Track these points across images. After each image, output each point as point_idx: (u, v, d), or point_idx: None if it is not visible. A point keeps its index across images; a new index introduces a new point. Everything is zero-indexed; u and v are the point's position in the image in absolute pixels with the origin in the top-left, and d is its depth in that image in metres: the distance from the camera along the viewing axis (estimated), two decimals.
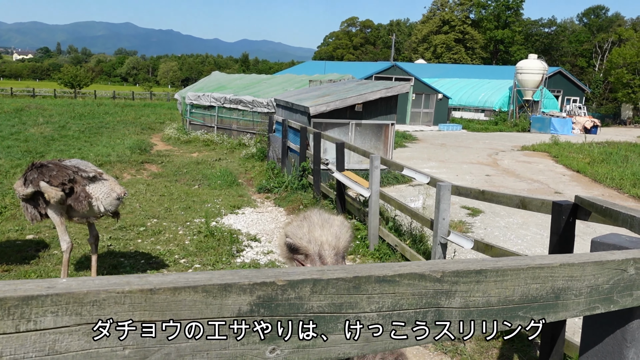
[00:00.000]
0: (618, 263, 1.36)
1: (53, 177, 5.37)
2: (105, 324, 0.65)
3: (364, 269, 0.91)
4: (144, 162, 15.31)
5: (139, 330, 0.68)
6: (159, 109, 37.01)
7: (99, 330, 0.65)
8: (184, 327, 0.71)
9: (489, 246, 5.56)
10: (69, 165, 5.56)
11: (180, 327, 0.71)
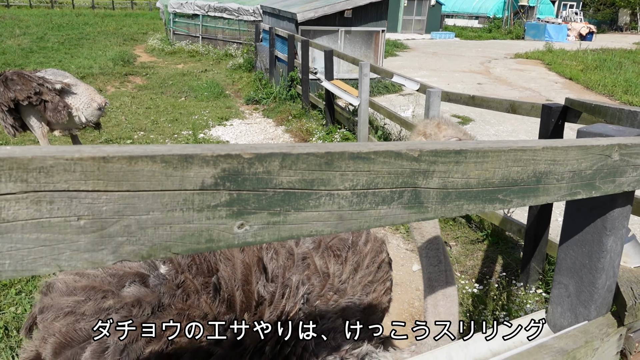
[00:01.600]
0: (602, 148, 1.33)
1: (18, 92, 5.21)
2: (55, 193, 0.61)
3: (338, 146, 0.87)
4: (128, 74, 14.90)
5: (93, 200, 0.64)
6: (141, 18, 35.53)
7: (48, 198, 0.61)
8: (143, 198, 0.67)
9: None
10: (34, 77, 5.33)
11: (139, 198, 0.67)
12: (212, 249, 0.76)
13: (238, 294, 1.69)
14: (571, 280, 1.70)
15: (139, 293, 1.61)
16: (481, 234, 5.53)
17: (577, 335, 1.58)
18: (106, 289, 1.62)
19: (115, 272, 1.67)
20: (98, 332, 1.53)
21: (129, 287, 1.63)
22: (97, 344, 1.53)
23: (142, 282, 1.66)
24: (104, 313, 1.57)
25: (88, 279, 1.65)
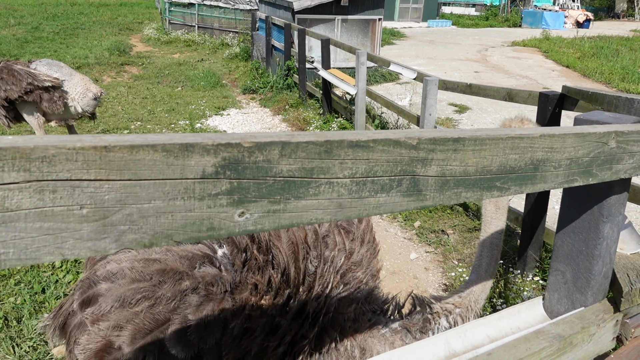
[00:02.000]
0: (599, 136, 1.34)
1: (10, 92, 5.21)
2: (58, 182, 0.62)
3: (337, 134, 0.87)
4: (124, 64, 14.82)
5: (95, 189, 0.65)
6: (136, 8, 35.25)
7: (51, 188, 0.62)
8: (144, 187, 0.68)
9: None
10: (24, 75, 5.28)
11: (140, 187, 0.68)
12: (213, 237, 0.76)
13: (292, 269, 1.79)
14: (568, 267, 1.72)
15: (215, 272, 1.66)
16: (478, 222, 5.55)
17: (574, 321, 1.60)
18: (181, 271, 1.65)
19: (185, 254, 1.70)
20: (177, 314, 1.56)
21: (201, 267, 1.68)
22: (179, 325, 1.55)
23: (210, 262, 1.71)
24: (181, 294, 1.60)
25: (160, 263, 1.66)
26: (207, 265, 1.69)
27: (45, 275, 4.36)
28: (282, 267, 1.77)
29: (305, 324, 1.76)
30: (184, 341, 1.55)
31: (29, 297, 4.04)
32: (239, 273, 1.71)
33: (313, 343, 1.80)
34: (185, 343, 1.55)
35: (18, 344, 3.57)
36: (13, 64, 5.39)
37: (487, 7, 38.89)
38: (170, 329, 1.55)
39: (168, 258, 1.69)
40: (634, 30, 29.86)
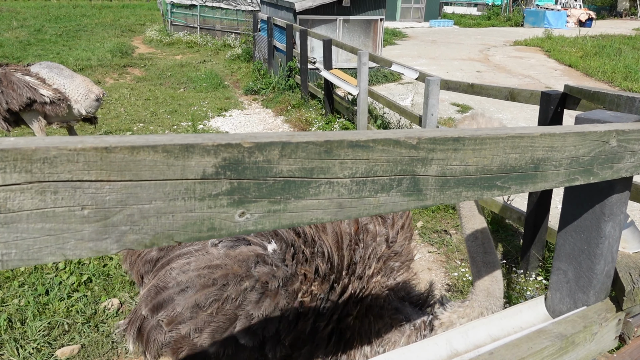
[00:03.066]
0: (600, 135, 1.34)
1: (11, 104, 5.24)
2: (59, 183, 0.62)
3: (337, 134, 0.88)
4: (126, 66, 14.85)
5: (96, 190, 0.65)
6: (138, 9, 35.33)
7: (52, 188, 0.62)
8: (145, 187, 0.68)
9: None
10: (23, 87, 5.28)
11: (141, 187, 0.68)
12: (214, 237, 0.77)
13: (335, 257, 1.99)
14: (570, 266, 1.72)
15: (268, 270, 1.89)
16: None
17: (576, 320, 1.60)
18: (241, 273, 1.88)
19: (241, 257, 1.93)
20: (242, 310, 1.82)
21: (256, 267, 1.90)
22: (245, 319, 1.82)
23: (264, 261, 1.93)
24: (244, 293, 1.85)
25: (222, 269, 1.90)
26: (261, 265, 1.92)
27: (49, 277, 4.37)
28: (327, 256, 1.98)
29: (349, 304, 1.97)
30: (250, 332, 1.82)
31: (32, 299, 4.05)
32: (290, 266, 1.94)
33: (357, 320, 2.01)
34: (252, 334, 1.82)
35: (22, 346, 3.58)
36: (12, 72, 5.37)
37: (489, 7, 38.85)
38: (238, 324, 1.82)
39: (228, 263, 1.92)
40: (637, 29, 29.79)
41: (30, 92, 5.28)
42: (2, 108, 5.30)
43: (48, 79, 5.51)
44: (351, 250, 2.05)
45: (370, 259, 2.07)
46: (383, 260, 2.13)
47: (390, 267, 2.16)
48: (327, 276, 1.95)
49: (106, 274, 4.49)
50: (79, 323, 3.84)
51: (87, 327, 3.81)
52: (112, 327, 3.85)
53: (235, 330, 1.82)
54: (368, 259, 2.07)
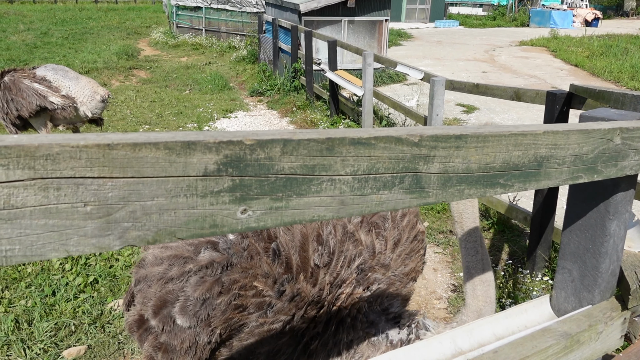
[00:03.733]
0: (604, 132, 1.33)
1: (22, 110, 5.30)
2: (62, 179, 0.63)
3: (338, 132, 0.88)
4: (132, 68, 14.92)
5: (99, 187, 0.66)
6: (144, 12, 35.48)
7: (55, 185, 0.63)
8: (147, 184, 0.69)
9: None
10: (32, 94, 5.33)
11: (143, 184, 0.69)
12: (216, 234, 0.77)
13: (294, 257, 1.98)
14: (575, 265, 1.71)
15: (212, 256, 1.95)
16: (487, 222, 5.53)
17: (581, 319, 1.59)
18: (186, 256, 1.97)
19: (194, 242, 2.00)
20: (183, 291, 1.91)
21: (204, 252, 1.97)
22: (183, 300, 1.90)
23: (214, 247, 1.99)
24: (186, 275, 1.93)
25: (172, 249, 2.02)
26: (209, 250, 1.97)
27: (56, 278, 4.40)
28: (284, 256, 1.97)
29: (305, 308, 1.96)
30: (186, 314, 1.90)
31: (39, 299, 4.07)
32: (236, 257, 1.96)
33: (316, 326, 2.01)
34: (187, 314, 1.90)
35: (29, 347, 3.60)
36: (21, 79, 5.41)
37: (495, 7, 38.74)
38: (177, 303, 1.91)
39: (180, 245, 2.02)
40: None
41: (40, 100, 5.33)
42: (12, 115, 5.37)
43: (54, 81, 5.54)
44: (319, 255, 2.02)
45: (343, 267, 2.04)
46: (362, 270, 2.09)
47: (370, 279, 2.11)
48: (279, 275, 1.95)
49: (112, 275, 4.51)
50: (86, 324, 3.86)
51: (93, 328, 3.82)
52: (119, 328, 3.87)
53: (174, 309, 1.91)
54: (340, 267, 2.04)
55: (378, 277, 2.14)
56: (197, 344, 1.93)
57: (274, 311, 1.94)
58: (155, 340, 1.99)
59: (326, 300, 1.99)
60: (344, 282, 2.03)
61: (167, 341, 1.96)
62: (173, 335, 1.94)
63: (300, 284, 1.95)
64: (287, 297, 1.95)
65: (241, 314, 1.92)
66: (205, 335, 1.91)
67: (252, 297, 1.92)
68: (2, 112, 5.46)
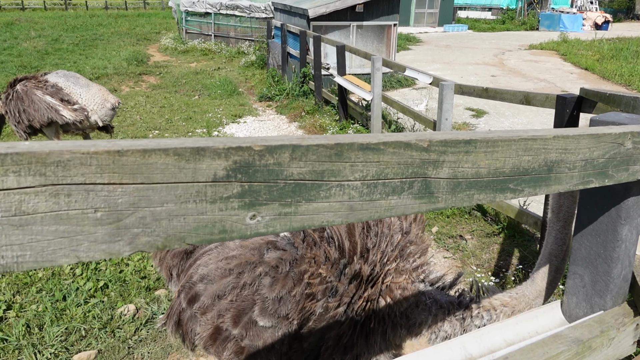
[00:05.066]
0: (615, 137, 1.32)
1: (34, 122, 5.40)
2: (73, 186, 0.63)
3: (347, 137, 0.88)
4: (142, 74, 15.03)
5: (109, 193, 0.66)
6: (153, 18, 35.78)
7: (66, 191, 0.63)
8: (157, 190, 0.69)
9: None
10: (43, 107, 5.39)
11: (153, 190, 0.69)
12: (225, 239, 0.77)
13: (346, 242, 2.09)
14: (586, 270, 1.69)
15: (277, 255, 2.05)
16: (497, 227, 5.50)
17: (593, 325, 1.58)
18: (254, 260, 2.06)
19: (254, 246, 2.11)
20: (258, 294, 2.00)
21: (268, 253, 2.07)
22: (261, 302, 2.00)
23: (275, 246, 2.09)
24: (258, 279, 2.02)
25: (236, 259, 2.10)
26: (272, 250, 2.08)
27: (66, 283, 4.42)
28: (337, 241, 2.09)
29: (361, 287, 2.06)
30: (267, 314, 1.99)
31: (50, 304, 4.10)
32: (299, 249, 2.07)
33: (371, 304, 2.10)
34: (267, 315, 1.99)
35: (40, 351, 3.62)
36: (33, 90, 5.46)
37: (504, 11, 38.66)
38: (256, 307, 2.00)
39: (242, 252, 2.11)
40: None
41: (52, 113, 5.40)
42: (24, 124, 5.45)
43: (65, 88, 5.59)
44: (364, 237, 2.14)
45: (386, 246, 2.16)
46: (399, 248, 2.21)
47: (407, 253, 2.23)
48: (337, 260, 2.06)
49: (122, 280, 4.53)
50: (96, 329, 3.88)
51: (103, 333, 3.84)
52: (129, 333, 3.88)
53: (254, 314, 2.00)
54: (384, 245, 2.16)
55: (413, 250, 2.27)
56: (278, 338, 2.02)
57: (337, 295, 2.04)
58: (237, 346, 2.07)
59: (378, 278, 2.11)
60: (389, 259, 2.15)
61: (249, 344, 2.05)
62: (255, 337, 2.02)
63: (355, 265, 2.06)
64: (347, 279, 2.05)
65: (312, 302, 2.01)
66: (285, 328, 2.01)
67: (318, 284, 2.02)
68: (14, 120, 5.53)
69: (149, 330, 3.93)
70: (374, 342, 2.14)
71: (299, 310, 2.00)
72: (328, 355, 2.09)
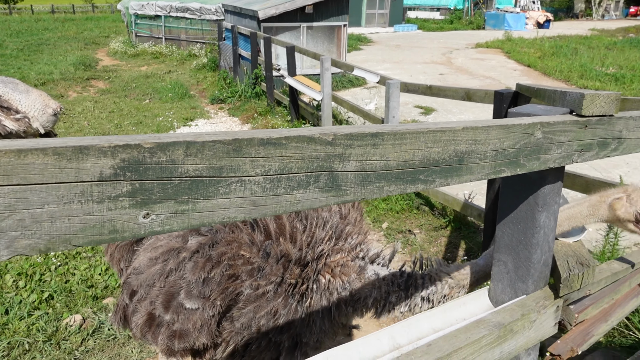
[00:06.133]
0: (524, 127, 1.38)
1: None
2: None
3: (247, 133, 0.88)
4: (90, 79, 14.63)
5: None
6: (102, 22, 34.86)
7: None
8: (36, 191, 0.68)
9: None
10: None
11: (31, 191, 0.68)
12: (117, 239, 0.77)
13: (272, 225, 2.18)
14: (509, 257, 1.76)
15: (199, 240, 2.13)
16: (444, 220, 5.62)
17: (514, 309, 1.64)
18: (177, 247, 2.15)
19: (179, 234, 2.18)
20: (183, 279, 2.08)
21: (191, 239, 2.15)
22: (186, 286, 2.07)
23: (198, 232, 2.17)
24: (182, 264, 2.11)
25: (162, 247, 2.18)
26: (195, 236, 2.16)
27: (9, 295, 4.26)
28: (262, 223, 2.18)
29: (291, 268, 2.13)
30: (192, 297, 2.07)
31: None
32: (220, 233, 2.14)
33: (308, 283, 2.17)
34: (193, 297, 2.07)
35: None
36: None
37: (451, 11, 39.51)
38: (182, 290, 2.08)
39: (168, 241, 2.19)
40: (592, 29, 30.71)
41: None
42: None
43: (3, 94, 5.38)
44: (292, 220, 2.22)
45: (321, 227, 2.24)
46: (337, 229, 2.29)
47: (345, 234, 2.31)
48: (262, 242, 2.14)
49: (68, 290, 4.40)
50: (40, 341, 3.75)
51: (48, 346, 3.72)
52: (75, 344, 3.77)
53: (180, 297, 2.08)
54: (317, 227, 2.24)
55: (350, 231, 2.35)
56: (205, 320, 2.09)
57: (264, 275, 2.10)
58: (169, 329, 2.13)
59: (309, 257, 2.18)
60: (322, 240, 2.22)
61: (181, 327, 2.11)
62: (185, 319, 2.09)
63: (282, 246, 2.14)
64: (273, 259, 2.12)
65: (235, 283, 2.08)
66: (209, 309, 2.07)
67: (241, 265, 2.08)
68: None
69: (96, 340, 3.84)
70: (313, 322, 2.20)
71: (222, 290, 2.06)
72: (263, 334, 2.15)
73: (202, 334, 2.10)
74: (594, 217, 1.94)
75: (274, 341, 2.18)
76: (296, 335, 2.19)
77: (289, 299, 2.14)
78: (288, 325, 2.17)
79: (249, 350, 2.20)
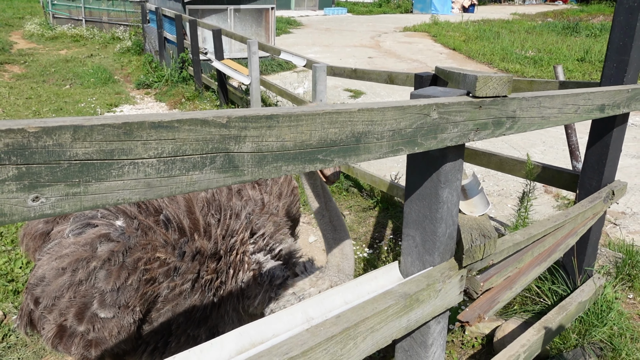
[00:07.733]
0: (420, 108, 1.47)
1: None
2: None
3: (138, 116, 0.91)
4: (4, 63, 13.77)
5: None
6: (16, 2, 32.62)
7: None
8: None
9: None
10: None
11: None
12: (6, 222, 0.77)
13: (185, 221, 2.16)
14: (417, 232, 1.87)
15: (109, 247, 2.05)
16: (372, 201, 5.78)
17: (421, 280, 1.75)
18: (86, 256, 2.04)
19: (86, 241, 2.08)
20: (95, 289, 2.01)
21: (101, 246, 2.06)
22: (99, 296, 2.01)
23: (108, 239, 2.08)
24: (93, 273, 2.02)
25: (68, 257, 2.06)
26: (105, 243, 2.07)
27: None
28: (175, 222, 2.15)
29: (205, 263, 2.14)
30: (106, 306, 2.01)
31: None
32: (133, 238, 2.08)
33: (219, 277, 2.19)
34: (107, 307, 2.01)
35: None
36: None
37: None
38: (95, 301, 2.01)
39: (74, 250, 2.08)
40: (514, 13, 32.06)
41: None
42: None
43: None
44: (206, 213, 2.21)
45: (234, 219, 2.24)
46: (251, 220, 2.31)
47: (257, 225, 2.33)
48: (177, 241, 2.12)
49: None
50: None
51: None
52: None
53: (93, 307, 2.02)
54: (229, 219, 2.23)
55: (265, 222, 2.34)
56: (123, 327, 2.05)
57: (180, 274, 2.09)
58: (84, 339, 2.07)
59: (222, 251, 2.18)
60: (235, 232, 2.22)
61: (96, 336, 2.06)
62: (101, 329, 2.04)
63: (197, 242, 2.12)
64: (189, 257, 2.11)
65: (153, 286, 2.05)
66: (128, 316, 2.03)
67: (158, 267, 2.05)
68: None
69: (18, 336, 3.70)
70: (225, 313, 2.23)
71: (140, 296, 2.03)
72: (182, 330, 2.15)
73: (120, 340, 2.07)
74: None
75: (192, 335, 2.19)
76: (213, 327, 2.22)
77: (205, 293, 2.15)
78: (205, 319, 2.18)
79: (169, 348, 2.19)
